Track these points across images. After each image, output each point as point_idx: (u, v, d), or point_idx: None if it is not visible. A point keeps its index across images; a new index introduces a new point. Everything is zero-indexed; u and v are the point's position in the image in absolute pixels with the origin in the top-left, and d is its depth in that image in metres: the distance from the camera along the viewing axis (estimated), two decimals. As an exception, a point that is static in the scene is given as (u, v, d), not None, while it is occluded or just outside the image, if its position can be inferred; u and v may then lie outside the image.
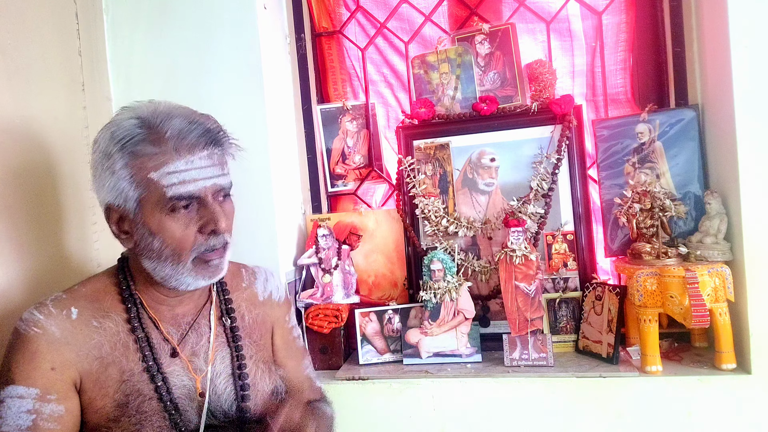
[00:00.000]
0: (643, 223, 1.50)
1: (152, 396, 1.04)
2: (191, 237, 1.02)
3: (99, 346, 1.04)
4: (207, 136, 1.02)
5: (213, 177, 1.03)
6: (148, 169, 0.99)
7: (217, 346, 1.14)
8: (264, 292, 1.28)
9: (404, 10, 1.87)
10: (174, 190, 0.99)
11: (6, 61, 1.29)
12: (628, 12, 1.70)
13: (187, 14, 1.64)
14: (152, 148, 0.99)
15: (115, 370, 1.04)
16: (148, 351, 1.06)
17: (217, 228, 1.02)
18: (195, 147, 1.00)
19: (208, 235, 1.03)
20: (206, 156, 1.02)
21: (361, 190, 1.88)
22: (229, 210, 1.09)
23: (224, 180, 1.06)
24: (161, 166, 0.98)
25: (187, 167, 1.00)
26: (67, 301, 1.06)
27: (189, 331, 1.13)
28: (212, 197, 1.04)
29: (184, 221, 1.02)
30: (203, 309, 1.17)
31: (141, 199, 1.01)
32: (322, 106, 1.87)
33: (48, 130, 1.42)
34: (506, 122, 1.65)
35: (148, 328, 1.09)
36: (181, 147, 0.99)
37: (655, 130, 1.58)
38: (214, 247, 1.04)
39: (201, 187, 1.01)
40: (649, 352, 1.41)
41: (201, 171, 1.01)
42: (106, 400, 1.02)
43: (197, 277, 1.05)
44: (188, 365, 1.10)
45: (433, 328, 1.57)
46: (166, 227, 1.01)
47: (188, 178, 1.00)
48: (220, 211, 1.03)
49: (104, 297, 1.09)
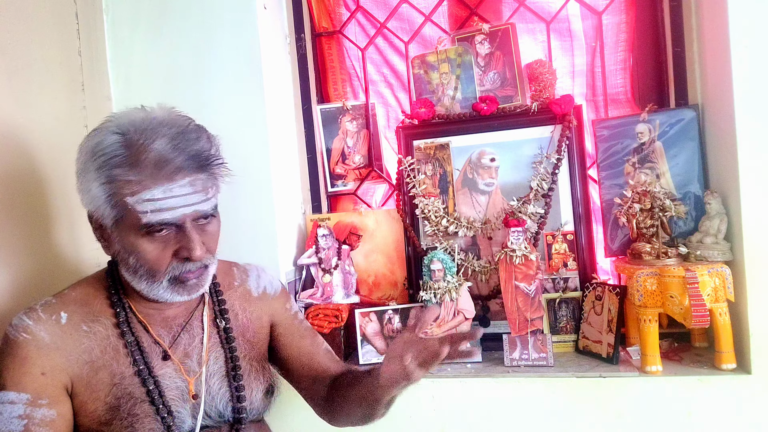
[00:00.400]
0: (643, 223, 1.50)
1: (144, 399, 1.04)
2: (166, 260, 1.01)
3: (89, 350, 1.04)
4: (190, 162, 0.98)
5: (193, 204, 0.99)
6: (123, 194, 0.96)
7: (210, 346, 1.14)
8: (258, 288, 1.27)
9: (404, 10, 1.87)
10: (149, 217, 0.96)
11: (6, 61, 1.29)
12: (628, 12, 1.70)
13: (187, 14, 1.64)
14: (130, 173, 0.95)
15: (105, 374, 1.03)
16: (139, 355, 1.06)
17: (191, 256, 0.99)
18: (175, 174, 0.96)
19: (183, 260, 1.01)
20: (187, 183, 0.97)
21: (361, 190, 1.88)
22: (213, 230, 1.06)
23: (206, 206, 1.01)
24: (138, 192, 0.95)
25: (164, 195, 0.96)
26: (56, 305, 1.06)
27: (181, 333, 1.12)
28: (191, 222, 1.00)
29: (160, 245, 0.99)
30: (195, 311, 1.16)
31: (117, 220, 0.99)
32: (322, 106, 1.87)
33: (48, 129, 1.42)
34: (506, 122, 1.65)
35: (137, 332, 1.08)
36: (160, 175, 0.95)
37: (655, 130, 1.58)
38: (190, 270, 1.02)
39: (179, 215, 0.98)
40: (649, 352, 1.41)
41: (180, 199, 0.97)
42: (98, 404, 1.02)
43: (174, 294, 1.04)
44: (180, 367, 1.09)
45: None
46: (141, 249, 0.99)
47: (165, 206, 0.96)
48: (197, 239, 1.00)
49: (93, 301, 1.09)
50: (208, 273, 1.07)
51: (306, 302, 1.70)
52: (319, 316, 1.66)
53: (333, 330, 1.65)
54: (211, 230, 1.05)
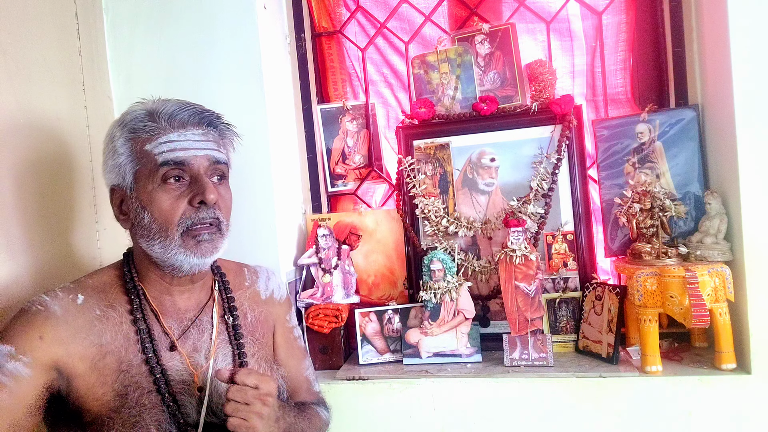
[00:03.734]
0: (643, 223, 1.50)
1: (151, 389, 1.05)
2: (180, 209, 1.05)
3: (100, 333, 1.06)
4: (200, 115, 1.09)
5: (205, 149, 1.08)
6: (143, 141, 1.06)
7: (219, 343, 1.16)
8: (266, 291, 1.30)
9: (404, 10, 1.87)
10: (164, 156, 1.04)
11: (7, 61, 1.30)
12: (628, 12, 1.70)
13: (187, 14, 1.64)
14: (149, 123, 1.06)
15: (113, 359, 1.05)
16: (149, 342, 1.08)
17: (206, 198, 1.05)
18: (188, 123, 1.07)
19: (196, 207, 1.06)
20: (200, 133, 1.09)
21: (361, 190, 1.88)
22: (225, 193, 1.13)
23: (218, 154, 1.10)
24: (155, 138, 1.06)
25: (179, 138, 1.06)
26: (74, 289, 1.10)
27: (191, 326, 1.14)
28: (205, 172, 1.08)
29: (174, 193, 1.06)
30: (206, 306, 1.18)
31: (136, 173, 1.06)
32: (322, 106, 1.87)
33: (50, 130, 1.42)
34: (506, 122, 1.65)
35: (149, 321, 1.10)
36: (174, 122, 1.07)
37: (655, 130, 1.58)
38: (203, 220, 1.06)
39: (191, 155, 1.06)
40: (649, 352, 1.41)
41: (193, 143, 1.07)
42: (106, 389, 1.04)
43: (188, 253, 1.06)
44: (187, 360, 1.11)
45: (433, 328, 1.57)
46: (156, 198, 1.05)
47: (179, 147, 1.05)
48: (210, 185, 1.07)
49: (110, 289, 1.12)
50: (220, 237, 1.10)
51: (306, 302, 1.70)
52: (319, 316, 1.66)
53: (333, 330, 1.65)
54: (223, 192, 1.12)
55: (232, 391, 0.99)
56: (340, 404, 1.49)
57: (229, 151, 1.16)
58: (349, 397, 1.52)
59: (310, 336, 1.66)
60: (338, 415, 1.46)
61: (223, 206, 1.11)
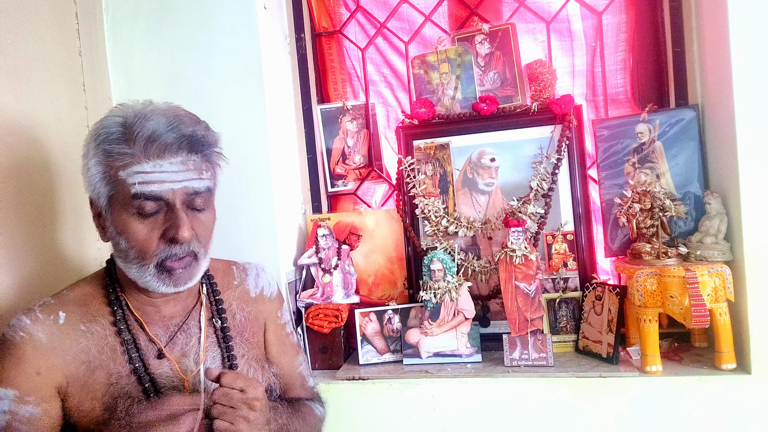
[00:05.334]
0: (643, 223, 1.50)
1: (140, 398, 1.04)
2: (154, 241, 1.00)
3: (86, 350, 1.04)
4: (181, 140, 1.00)
5: (183, 180, 1.00)
6: (116, 167, 0.99)
7: (207, 346, 1.14)
8: (256, 288, 1.27)
9: (404, 10, 1.87)
10: (137, 188, 0.98)
11: (7, 61, 1.30)
12: (628, 12, 1.70)
13: (187, 14, 1.64)
14: (123, 147, 0.98)
15: (102, 373, 1.04)
16: (135, 353, 1.06)
17: (177, 235, 0.99)
18: (166, 151, 0.99)
19: (168, 242, 1.01)
20: (179, 162, 1.00)
21: (361, 190, 1.88)
22: (205, 220, 1.06)
23: (197, 184, 1.02)
24: (129, 166, 0.98)
25: (154, 170, 0.98)
26: (54, 306, 1.06)
27: (178, 332, 1.12)
28: (182, 203, 1.01)
29: (149, 225, 1.00)
30: (193, 311, 1.16)
31: (110, 198, 1.01)
32: (322, 106, 1.87)
33: (50, 130, 1.42)
34: (506, 122, 1.65)
35: (134, 331, 1.08)
36: (150, 149, 0.98)
37: (655, 130, 1.58)
38: (177, 255, 1.02)
39: (167, 189, 0.99)
40: (649, 352, 1.41)
41: (169, 174, 0.99)
42: (95, 403, 1.03)
43: (160, 283, 1.03)
44: (176, 366, 1.09)
45: (433, 328, 1.57)
46: (130, 228, 1.00)
47: (154, 179, 0.98)
48: (185, 219, 1.00)
49: (92, 301, 1.09)
50: (197, 265, 1.06)
51: (306, 302, 1.70)
52: (319, 316, 1.66)
53: (333, 330, 1.65)
54: (203, 219, 1.06)
55: (217, 394, 0.96)
56: (339, 404, 1.49)
57: (215, 171, 1.08)
58: (349, 397, 1.52)
59: (310, 336, 1.66)
60: (338, 415, 1.46)
61: (202, 235, 1.05)
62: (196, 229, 1.03)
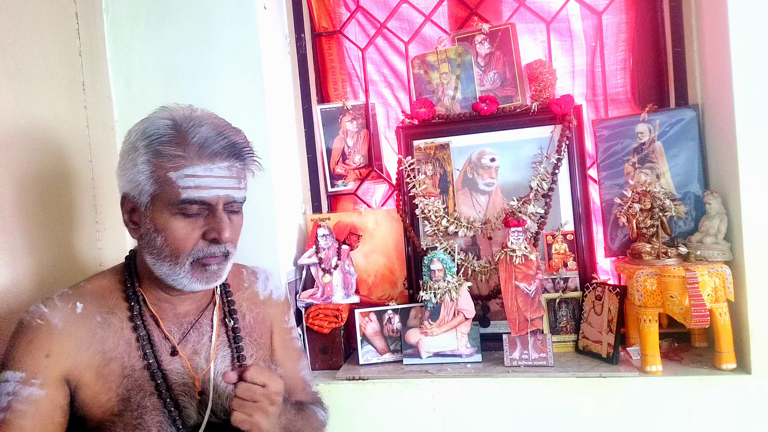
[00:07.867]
0: (643, 223, 1.50)
1: (152, 392, 1.06)
2: (193, 241, 1.05)
3: (102, 340, 1.07)
4: (230, 148, 1.06)
5: (228, 188, 1.06)
6: (167, 168, 1.02)
7: (218, 345, 1.17)
8: (264, 291, 1.30)
9: (404, 10, 1.87)
10: (188, 193, 1.02)
11: (6, 61, 1.29)
12: (628, 12, 1.70)
13: (187, 14, 1.64)
14: (176, 149, 1.02)
15: (117, 365, 1.06)
16: (149, 348, 1.08)
17: (220, 238, 1.05)
18: (216, 156, 1.04)
19: (209, 242, 1.06)
20: (226, 167, 1.05)
21: (361, 190, 1.88)
22: (237, 223, 1.12)
23: (238, 193, 1.09)
24: (181, 167, 1.02)
25: (205, 173, 1.03)
26: (72, 296, 1.09)
27: (191, 330, 1.15)
28: (222, 207, 1.06)
29: (190, 225, 1.05)
30: (206, 310, 1.19)
31: (154, 196, 1.04)
32: (322, 106, 1.87)
33: (50, 130, 1.42)
34: (506, 122, 1.65)
35: (149, 326, 1.11)
36: (204, 154, 1.03)
37: (655, 130, 1.58)
38: (214, 254, 1.07)
39: (214, 195, 1.04)
40: (649, 352, 1.41)
41: (218, 180, 1.04)
42: (110, 395, 1.05)
43: (193, 279, 1.07)
44: (188, 363, 1.11)
45: (433, 328, 1.57)
46: (171, 227, 1.04)
47: (204, 184, 1.03)
48: (227, 222, 1.06)
49: (110, 294, 1.12)
50: (227, 263, 1.11)
51: (306, 302, 1.70)
52: (319, 316, 1.66)
53: (333, 330, 1.65)
54: (236, 222, 1.11)
55: (241, 389, 0.99)
56: (340, 404, 1.49)
57: (247, 180, 1.14)
58: (349, 397, 1.52)
59: (310, 336, 1.66)
60: (338, 415, 1.46)
61: (234, 237, 1.11)
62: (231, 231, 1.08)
